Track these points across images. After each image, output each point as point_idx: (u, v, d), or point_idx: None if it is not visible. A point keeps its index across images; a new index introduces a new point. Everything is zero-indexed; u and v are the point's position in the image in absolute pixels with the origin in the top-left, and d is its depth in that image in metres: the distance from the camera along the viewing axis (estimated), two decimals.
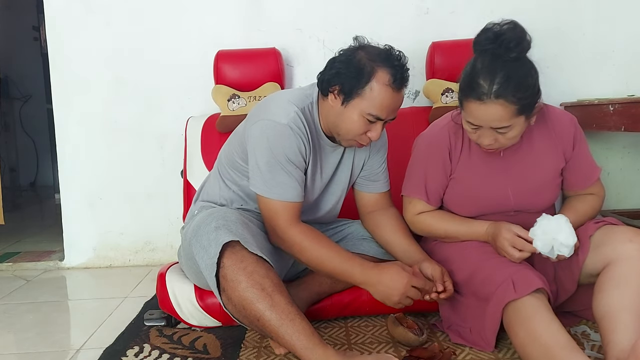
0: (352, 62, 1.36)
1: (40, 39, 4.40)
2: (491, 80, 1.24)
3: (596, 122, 2.14)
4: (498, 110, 1.25)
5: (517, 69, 1.25)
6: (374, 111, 1.35)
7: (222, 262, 1.28)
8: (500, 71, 1.24)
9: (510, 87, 1.23)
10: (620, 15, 2.42)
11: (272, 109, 1.42)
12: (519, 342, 1.24)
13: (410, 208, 1.56)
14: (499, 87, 1.23)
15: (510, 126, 1.28)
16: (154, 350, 1.49)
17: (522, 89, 1.25)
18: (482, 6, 2.40)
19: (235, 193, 1.54)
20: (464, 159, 1.48)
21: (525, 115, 1.29)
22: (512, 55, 1.25)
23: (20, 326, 1.79)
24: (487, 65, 1.26)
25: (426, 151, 1.52)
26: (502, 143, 1.33)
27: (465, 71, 1.32)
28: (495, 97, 1.24)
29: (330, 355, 1.23)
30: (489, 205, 1.47)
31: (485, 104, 1.25)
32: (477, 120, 1.29)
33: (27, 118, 5.16)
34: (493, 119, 1.27)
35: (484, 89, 1.24)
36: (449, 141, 1.48)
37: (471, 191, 1.48)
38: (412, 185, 1.54)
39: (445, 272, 1.43)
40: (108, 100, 2.44)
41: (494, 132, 1.30)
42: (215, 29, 2.41)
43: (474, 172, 1.47)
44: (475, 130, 1.33)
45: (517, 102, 1.24)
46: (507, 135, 1.30)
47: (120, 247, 2.51)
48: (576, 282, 1.38)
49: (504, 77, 1.23)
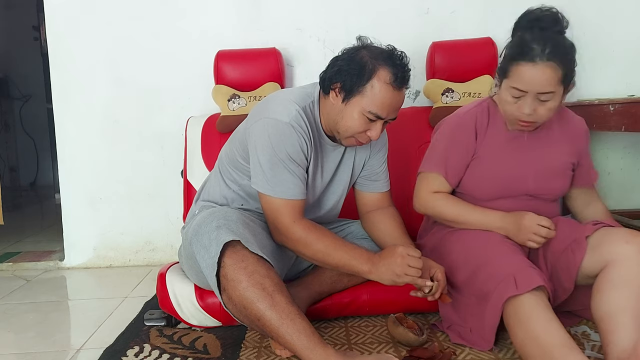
0: (354, 60, 1.36)
1: (40, 39, 4.39)
2: (544, 44, 1.33)
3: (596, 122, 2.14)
4: (548, 72, 1.32)
5: (562, 41, 1.37)
6: (374, 109, 1.35)
7: (222, 262, 1.28)
8: (550, 39, 1.34)
9: (560, 51, 1.33)
10: (620, 15, 2.42)
11: (273, 107, 1.42)
12: (518, 341, 1.25)
13: (424, 185, 1.57)
14: (551, 50, 1.32)
15: (554, 93, 1.35)
16: (154, 350, 1.49)
17: (568, 55, 1.36)
18: (482, 6, 2.40)
19: (236, 192, 1.54)
20: (489, 138, 1.53)
21: (564, 86, 1.37)
22: (556, 29, 1.37)
23: (20, 326, 1.79)
24: (537, 34, 1.36)
25: (452, 130, 1.56)
26: (540, 114, 1.39)
27: (512, 42, 1.42)
28: (547, 58, 1.32)
29: (330, 355, 1.23)
30: (508, 186, 1.51)
31: (537, 66, 1.32)
32: (525, 84, 1.35)
33: (27, 118, 5.16)
34: (541, 82, 1.33)
35: (537, 51, 1.33)
36: (476, 121, 1.54)
37: (493, 170, 1.51)
38: (432, 161, 1.57)
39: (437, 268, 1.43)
40: (108, 100, 2.44)
41: (536, 101, 1.36)
42: (215, 29, 2.41)
43: (497, 153, 1.52)
44: (518, 98, 1.38)
45: (564, 68, 1.33)
46: (547, 105, 1.37)
47: (120, 247, 2.51)
48: (574, 282, 1.39)
49: (554, 44, 1.33)
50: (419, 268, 1.35)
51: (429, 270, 1.42)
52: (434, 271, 1.42)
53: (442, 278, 1.41)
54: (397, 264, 1.34)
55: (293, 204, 1.40)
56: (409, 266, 1.34)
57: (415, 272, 1.34)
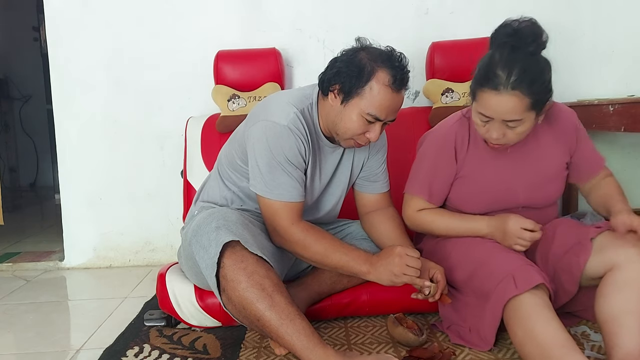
0: (353, 61, 1.36)
1: (40, 39, 4.39)
2: (509, 71, 1.26)
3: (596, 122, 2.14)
4: (512, 101, 1.26)
5: (534, 64, 1.28)
6: (373, 111, 1.35)
7: (222, 262, 1.28)
8: (518, 63, 1.26)
9: (527, 79, 1.25)
10: (620, 15, 2.42)
11: (271, 110, 1.43)
12: (517, 340, 1.25)
13: (411, 204, 1.56)
14: (516, 79, 1.25)
15: (521, 120, 1.30)
16: (154, 351, 1.49)
17: (537, 83, 1.27)
18: (482, 6, 2.40)
19: (235, 194, 1.54)
20: (471, 157, 1.49)
21: (536, 111, 1.31)
22: (529, 49, 1.28)
23: (20, 326, 1.79)
24: (506, 57, 1.28)
25: (432, 150, 1.54)
26: (509, 138, 1.34)
27: (481, 63, 1.34)
28: (511, 87, 1.25)
29: (330, 355, 1.23)
30: (498, 201, 1.48)
31: (501, 94, 1.27)
32: (490, 111, 1.30)
33: (27, 118, 5.16)
34: (506, 111, 1.28)
35: (501, 79, 1.26)
36: (455, 140, 1.49)
37: (480, 188, 1.49)
38: (415, 183, 1.55)
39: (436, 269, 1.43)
40: (108, 100, 2.45)
41: (503, 126, 1.32)
42: (215, 29, 2.41)
43: (482, 169, 1.48)
44: (485, 123, 1.34)
45: (531, 95, 1.26)
46: (516, 130, 1.32)
47: (120, 247, 2.51)
48: (577, 284, 1.37)
49: (521, 70, 1.25)
50: (417, 268, 1.35)
51: (428, 271, 1.42)
52: (433, 272, 1.42)
53: (441, 279, 1.41)
54: (395, 264, 1.34)
55: (291, 207, 1.40)
56: (407, 266, 1.34)
57: (413, 272, 1.34)
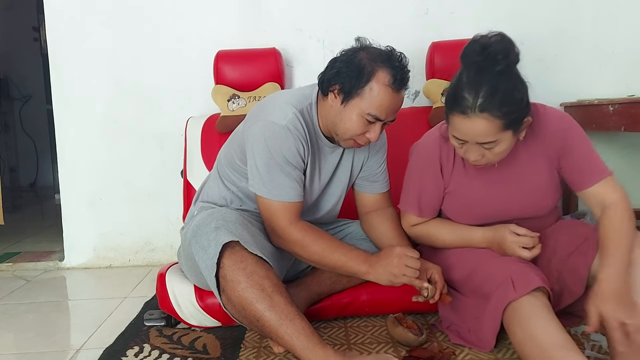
0: (353, 61, 1.36)
1: (40, 39, 4.39)
2: (476, 94, 1.19)
3: (596, 122, 2.14)
4: (483, 124, 1.20)
5: (503, 83, 1.20)
6: (373, 111, 1.35)
7: (221, 263, 1.28)
8: (486, 84, 1.19)
9: (496, 101, 1.18)
10: (620, 15, 2.42)
11: (270, 110, 1.43)
12: (517, 342, 1.24)
13: (405, 219, 1.56)
14: (483, 101, 1.18)
15: (497, 141, 1.24)
16: (154, 350, 1.49)
17: (507, 103, 1.19)
18: (481, 6, 2.40)
19: (234, 194, 1.54)
20: (457, 173, 1.45)
21: (512, 130, 1.24)
22: (498, 68, 1.19)
23: (20, 326, 1.79)
24: (473, 78, 1.21)
25: (419, 165, 1.50)
26: (489, 159, 1.29)
27: (451, 84, 1.27)
28: (479, 110, 1.19)
29: (329, 355, 1.23)
30: (491, 215, 1.45)
31: (470, 118, 1.20)
32: (462, 135, 1.25)
33: (27, 118, 5.16)
34: (478, 134, 1.22)
35: (469, 102, 1.19)
36: (440, 156, 1.45)
37: (470, 204, 1.46)
38: (406, 199, 1.54)
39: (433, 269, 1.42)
40: (108, 100, 2.45)
41: (480, 148, 1.26)
42: (215, 29, 2.41)
43: (470, 185, 1.44)
44: (462, 145, 1.29)
45: (503, 116, 1.19)
46: (493, 150, 1.26)
47: (120, 247, 2.51)
48: (584, 285, 1.34)
49: (489, 91, 1.18)
50: (416, 268, 1.35)
51: (426, 272, 1.42)
52: (430, 272, 1.42)
53: (439, 279, 1.41)
54: (394, 265, 1.34)
55: (290, 207, 1.40)
56: (406, 266, 1.34)
57: (412, 272, 1.34)
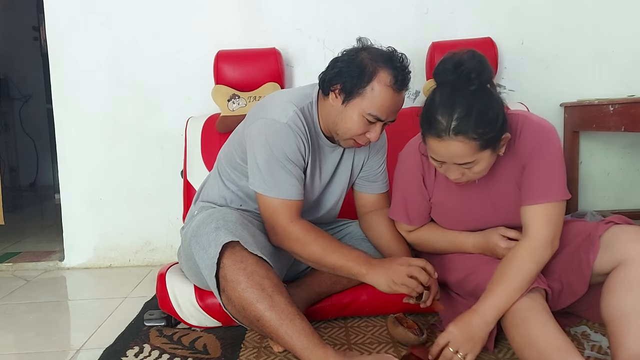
0: (354, 61, 1.36)
1: (40, 39, 4.39)
2: (449, 116, 1.16)
3: (596, 122, 2.14)
4: (458, 147, 1.17)
5: (477, 102, 1.16)
6: (374, 111, 1.35)
7: (221, 263, 1.28)
8: (460, 106, 1.15)
9: (471, 122, 1.15)
10: (620, 15, 2.42)
11: (271, 108, 1.43)
12: (516, 346, 1.24)
13: (399, 226, 1.57)
14: (457, 124, 1.15)
15: (475, 161, 1.21)
16: (154, 351, 1.49)
17: (482, 123, 1.16)
18: (481, 6, 2.41)
19: (235, 193, 1.54)
20: (439, 184, 1.44)
21: (490, 149, 1.21)
22: (472, 88, 1.16)
23: (20, 326, 1.79)
24: (446, 99, 1.18)
25: (402, 176, 1.50)
26: (469, 177, 1.27)
27: (425, 104, 1.24)
28: (454, 133, 1.16)
29: (330, 355, 1.23)
30: (479, 223, 1.44)
31: (445, 141, 1.18)
32: (439, 157, 1.23)
33: (27, 118, 5.16)
34: (454, 156, 1.20)
35: (442, 125, 1.16)
36: (422, 167, 1.45)
37: (454, 215, 1.45)
38: (394, 208, 1.54)
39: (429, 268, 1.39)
40: (108, 100, 2.45)
41: (459, 167, 1.24)
42: (215, 29, 2.42)
43: (453, 197, 1.43)
44: (441, 164, 1.27)
45: (478, 137, 1.16)
46: (473, 169, 1.24)
47: (120, 247, 2.51)
48: (587, 284, 1.33)
49: (462, 112, 1.15)
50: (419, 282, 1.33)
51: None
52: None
53: (434, 286, 1.39)
54: (397, 271, 1.33)
55: (290, 205, 1.40)
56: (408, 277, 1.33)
57: (414, 284, 1.32)
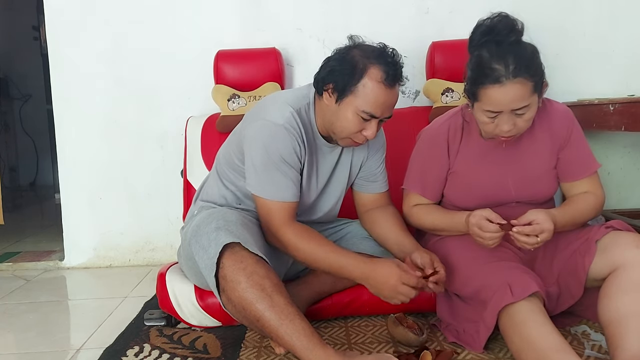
0: (345, 59, 1.36)
1: (40, 39, 4.40)
2: (505, 62, 1.27)
3: (596, 122, 2.14)
4: (518, 89, 1.27)
5: (522, 50, 1.30)
6: (368, 108, 1.35)
7: (221, 263, 1.28)
8: (510, 53, 1.28)
9: (524, 65, 1.27)
10: (621, 15, 2.42)
11: (268, 109, 1.43)
12: (515, 348, 1.24)
13: (407, 200, 1.59)
14: (514, 67, 1.26)
15: (529, 105, 1.31)
16: (154, 350, 1.49)
17: (533, 65, 1.30)
18: (482, 6, 2.38)
19: (233, 193, 1.54)
20: (463, 152, 1.50)
21: (537, 93, 1.32)
22: (511, 39, 1.30)
23: (20, 326, 1.79)
24: (495, 51, 1.30)
25: (425, 146, 1.56)
26: (520, 127, 1.35)
27: (471, 65, 1.35)
28: (513, 76, 1.26)
29: (330, 355, 1.23)
30: (490, 196, 1.48)
31: (505, 86, 1.27)
32: (498, 106, 1.30)
33: (27, 118, 5.16)
34: (514, 99, 1.29)
35: (501, 71, 1.27)
36: (448, 136, 1.51)
37: (472, 183, 1.49)
38: (410, 179, 1.58)
39: (436, 259, 1.39)
40: (108, 100, 2.44)
41: (512, 116, 1.32)
42: (215, 29, 2.41)
43: (474, 164, 1.49)
44: (494, 118, 1.34)
45: (532, 78, 1.28)
46: (525, 116, 1.32)
47: (120, 247, 2.51)
48: (582, 287, 1.36)
49: (516, 58, 1.27)
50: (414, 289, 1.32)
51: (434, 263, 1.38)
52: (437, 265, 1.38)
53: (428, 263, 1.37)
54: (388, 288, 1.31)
55: (285, 206, 1.40)
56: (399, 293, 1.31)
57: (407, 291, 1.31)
